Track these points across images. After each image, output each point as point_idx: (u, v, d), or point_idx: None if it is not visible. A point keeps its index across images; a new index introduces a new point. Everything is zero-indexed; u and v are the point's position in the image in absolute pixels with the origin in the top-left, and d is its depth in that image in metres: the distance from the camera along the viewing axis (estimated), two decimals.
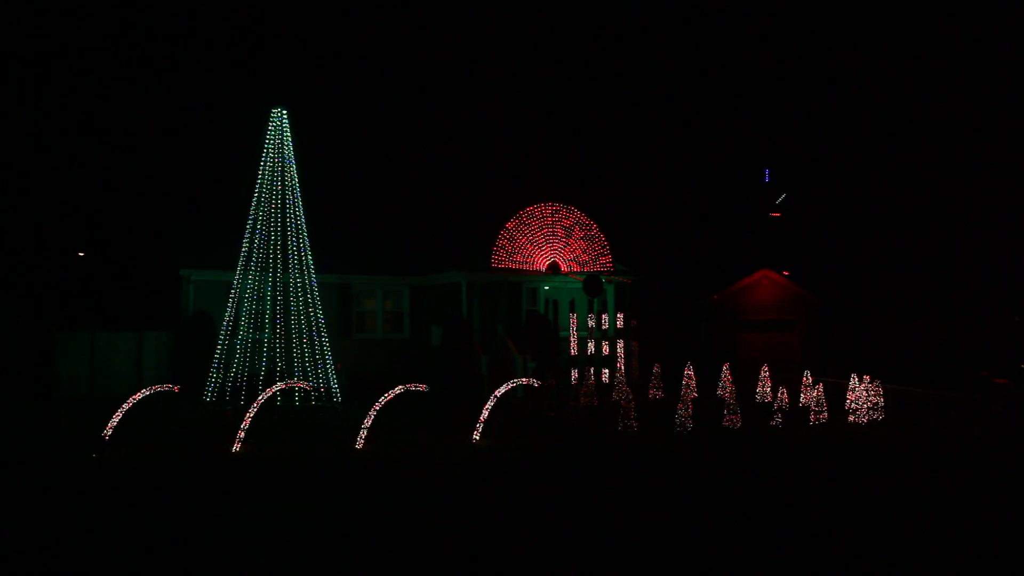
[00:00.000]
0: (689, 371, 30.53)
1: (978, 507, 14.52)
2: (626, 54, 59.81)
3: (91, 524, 12.59)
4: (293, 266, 26.02)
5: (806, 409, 25.02)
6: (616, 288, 33.72)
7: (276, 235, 25.92)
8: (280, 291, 25.89)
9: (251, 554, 11.28)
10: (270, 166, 26.09)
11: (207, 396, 24.80)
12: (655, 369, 30.06)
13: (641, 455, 18.28)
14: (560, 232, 32.36)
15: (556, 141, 50.59)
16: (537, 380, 23.27)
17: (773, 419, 22.65)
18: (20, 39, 45.17)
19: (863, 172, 51.12)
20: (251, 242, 26.02)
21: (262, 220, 25.95)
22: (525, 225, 31.92)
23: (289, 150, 26.32)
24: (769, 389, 29.30)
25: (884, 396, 24.83)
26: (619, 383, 29.14)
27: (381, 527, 12.66)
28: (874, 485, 16.26)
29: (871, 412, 24.11)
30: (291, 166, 26.28)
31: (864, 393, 24.23)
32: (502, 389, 20.27)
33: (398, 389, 19.05)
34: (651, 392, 29.89)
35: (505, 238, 31.62)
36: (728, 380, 28.12)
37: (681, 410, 21.96)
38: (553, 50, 58.31)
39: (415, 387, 19.39)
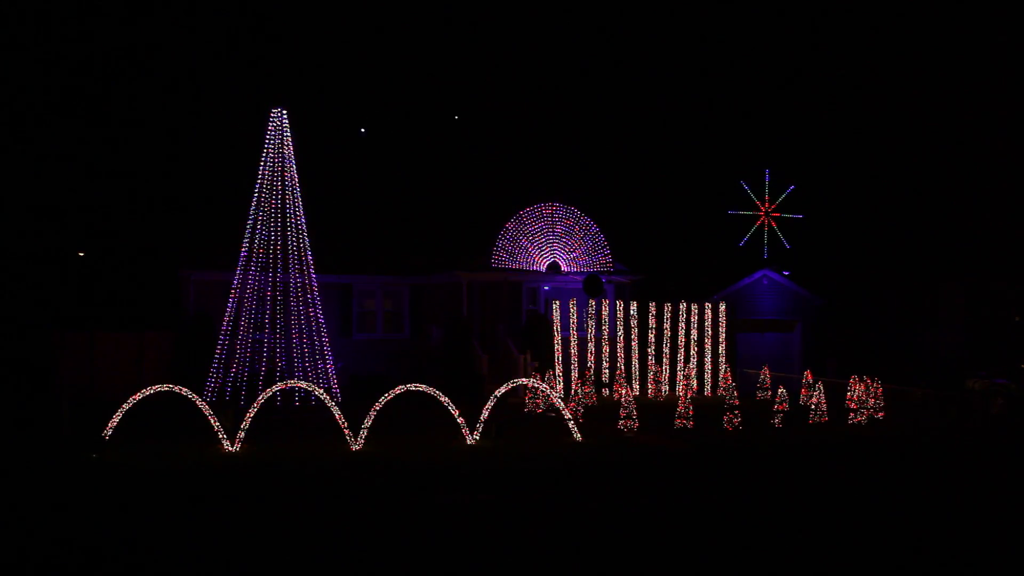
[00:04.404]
0: (689, 372, 30.54)
1: (977, 504, 14.52)
2: (627, 53, 59.76)
3: (91, 524, 12.59)
4: (293, 266, 26.02)
5: (806, 409, 25.02)
6: (616, 288, 33.72)
7: (276, 235, 25.91)
8: (280, 291, 25.87)
9: (251, 554, 11.28)
10: (270, 166, 26.09)
11: (207, 396, 24.80)
12: (655, 368, 30.07)
13: (641, 454, 18.28)
14: (560, 232, 32.37)
15: (556, 141, 50.54)
16: (537, 380, 23.26)
17: (773, 419, 22.65)
18: (20, 38, 45.13)
19: (864, 172, 51.09)
20: (251, 242, 26.01)
21: (262, 220, 25.95)
22: (525, 225, 31.91)
23: (289, 150, 26.32)
24: (769, 389, 29.31)
25: (884, 396, 24.83)
26: (619, 382, 29.14)
27: (380, 527, 12.66)
28: (874, 484, 16.25)
29: (871, 412, 24.11)
30: (291, 166, 26.28)
31: (864, 393, 24.24)
32: (502, 389, 20.27)
33: (398, 389, 19.05)
34: (651, 391, 29.90)
35: (505, 238, 31.61)
36: (728, 380, 28.13)
37: (681, 410, 21.96)
38: (553, 49, 58.28)
39: (415, 387, 19.39)
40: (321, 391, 19.28)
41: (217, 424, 18.07)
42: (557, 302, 29.99)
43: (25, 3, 45.20)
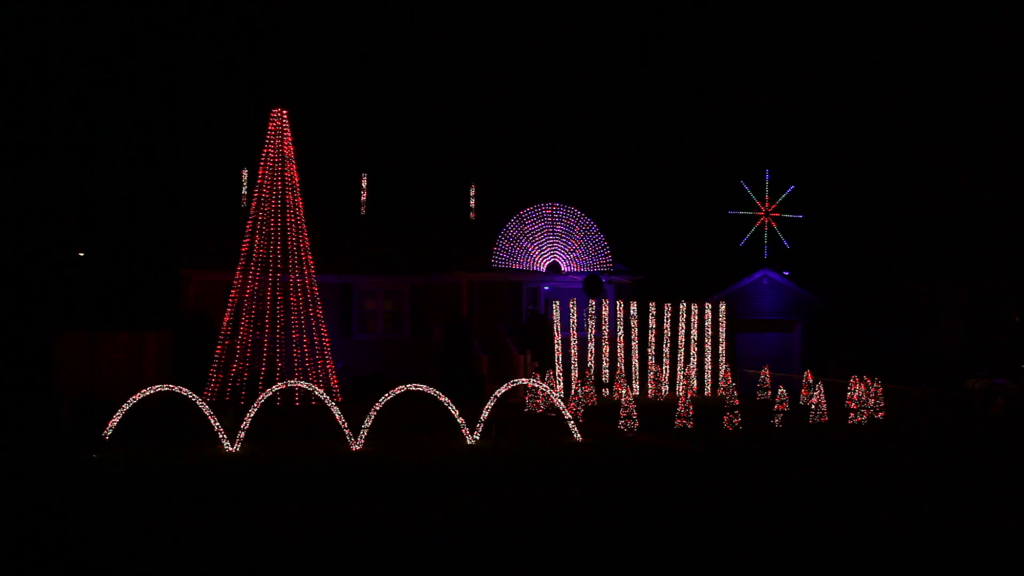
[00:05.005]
0: (689, 372, 30.54)
1: (978, 505, 14.52)
2: (627, 53, 59.78)
3: (91, 524, 12.59)
4: (293, 266, 26.02)
5: (806, 409, 25.01)
6: (616, 288, 33.72)
7: (276, 235, 25.91)
8: (280, 291, 25.87)
9: (251, 554, 11.28)
10: (270, 166, 26.10)
11: (207, 396, 24.79)
12: (655, 368, 30.06)
13: (642, 454, 18.28)
14: (560, 232, 32.36)
15: (556, 141, 50.55)
16: (537, 380, 23.27)
17: (773, 419, 22.64)
18: (20, 38, 45.14)
19: (864, 172, 51.10)
20: (251, 242, 26.02)
21: (262, 220, 25.95)
22: (525, 225, 31.91)
23: (289, 150, 26.33)
24: (769, 389, 29.30)
25: (884, 396, 24.83)
26: (619, 382, 29.15)
27: (380, 527, 12.67)
28: (875, 484, 16.25)
29: (871, 412, 24.11)
30: (291, 166, 26.29)
31: (864, 393, 24.24)
32: (502, 389, 20.27)
33: (398, 389, 19.05)
34: (651, 391, 29.89)
35: (505, 238, 31.61)
36: (728, 380, 28.13)
37: (681, 410, 21.96)
38: (553, 49, 58.30)
39: (415, 387, 19.39)
40: (321, 391, 19.28)
41: (217, 424, 18.07)
42: (557, 302, 29.99)
43: (26, 2, 45.22)
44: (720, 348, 31.87)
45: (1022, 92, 47.74)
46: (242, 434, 18.04)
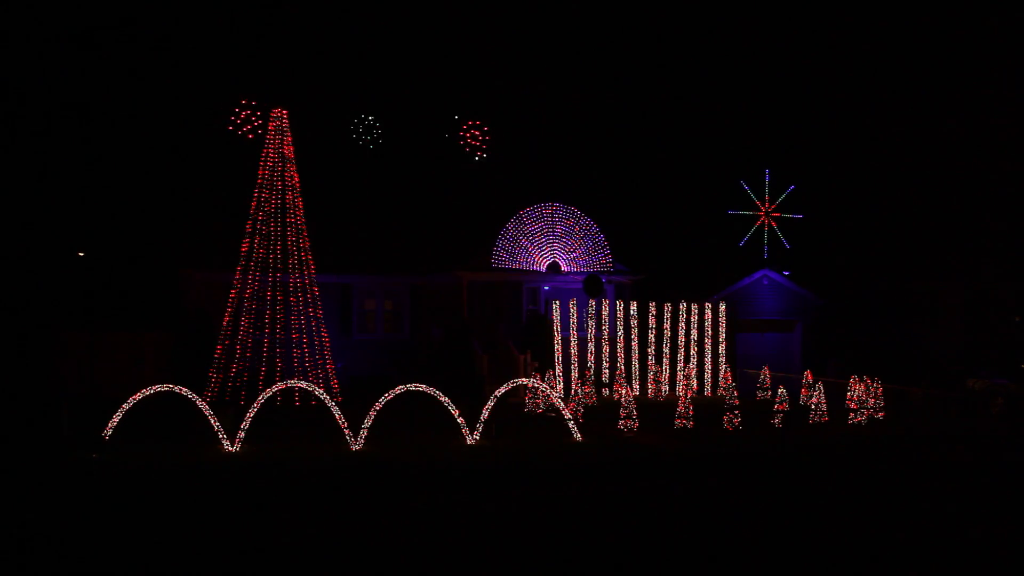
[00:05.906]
0: (689, 372, 30.54)
1: (977, 505, 14.51)
2: (627, 52, 59.79)
3: (91, 524, 12.59)
4: (293, 266, 26.03)
5: (806, 409, 25.01)
6: (616, 288, 33.72)
7: (276, 235, 25.92)
8: (280, 291, 25.88)
9: (250, 554, 11.28)
10: (270, 166, 26.10)
11: (207, 396, 24.80)
12: (655, 368, 30.07)
13: (641, 454, 18.27)
14: (560, 232, 32.37)
15: (556, 141, 50.50)
16: (537, 380, 23.27)
17: (773, 418, 22.64)
18: (20, 37, 45.14)
19: (864, 172, 51.07)
20: (251, 242, 26.03)
21: (262, 220, 25.96)
22: (525, 225, 31.92)
23: (289, 150, 26.34)
24: (769, 389, 29.30)
25: (884, 396, 24.83)
26: (619, 382, 29.16)
27: (380, 527, 12.66)
28: (874, 484, 16.25)
29: (871, 412, 24.11)
30: (291, 166, 26.30)
31: (864, 393, 24.24)
32: (502, 389, 20.27)
33: (398, 389, 19.05)
34: (651, 391, 29.90)
35: (505, 238, 31.62)
36: (728, 380, 28.14)
37: (681, 410, 21.96)
38: (553, 49, 58.30)
39: (415, 387, 19.39)
40: (321, 391, 19.28)
41: (217, 424, 18.07)
42: (557, 302, 30.00)
43: (25, 3, 45.23)
44: (720, 348, 31.87)
45: (1022, 92, 47.76)
46: (242, 434, 18.04)
